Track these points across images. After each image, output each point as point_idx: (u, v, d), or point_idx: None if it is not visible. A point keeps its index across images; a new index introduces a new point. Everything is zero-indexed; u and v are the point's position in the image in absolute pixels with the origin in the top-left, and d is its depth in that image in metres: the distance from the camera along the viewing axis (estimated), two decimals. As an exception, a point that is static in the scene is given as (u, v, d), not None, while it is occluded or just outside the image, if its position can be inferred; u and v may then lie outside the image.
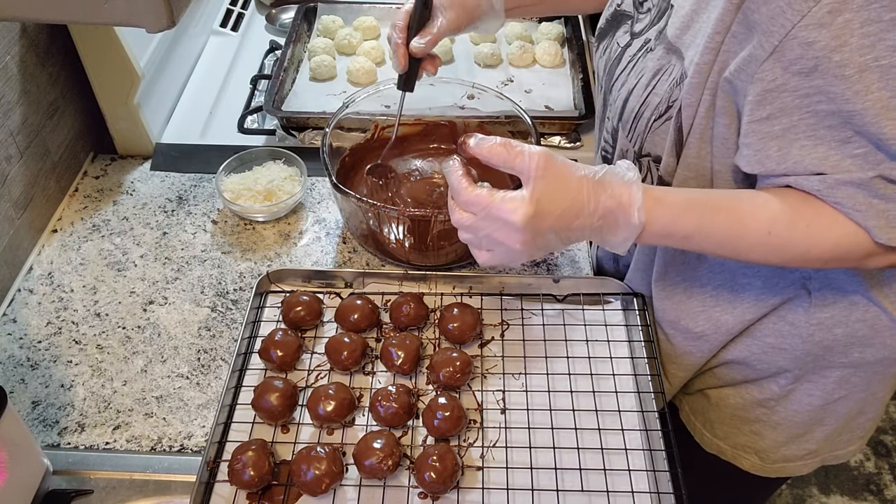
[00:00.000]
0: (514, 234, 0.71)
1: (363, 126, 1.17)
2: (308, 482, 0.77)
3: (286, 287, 1.01)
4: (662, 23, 0.81)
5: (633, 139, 0.86)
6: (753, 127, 0.70)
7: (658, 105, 0.80)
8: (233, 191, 1.13)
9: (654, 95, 0.81)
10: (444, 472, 0.77)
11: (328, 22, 1.47)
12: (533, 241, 0.72)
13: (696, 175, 0.80)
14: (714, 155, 0.78)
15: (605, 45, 0.93)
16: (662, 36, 0.80)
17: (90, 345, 0.98)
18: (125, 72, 1.17)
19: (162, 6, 0.67)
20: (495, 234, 0.73)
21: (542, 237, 0.72)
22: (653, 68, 0.81)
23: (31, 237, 1.10)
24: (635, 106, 0.84)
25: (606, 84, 0.92)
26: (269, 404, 0.84)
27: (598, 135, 1.03)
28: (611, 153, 0.95)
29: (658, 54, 0.81)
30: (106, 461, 0.86)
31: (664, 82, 0.79)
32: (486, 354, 0.93)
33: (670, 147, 0.80)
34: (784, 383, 0.92)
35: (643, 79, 0.82)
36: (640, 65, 0.84)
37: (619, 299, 0.99)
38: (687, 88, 0.75)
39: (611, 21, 0.93)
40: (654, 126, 0.82)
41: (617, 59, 0.89)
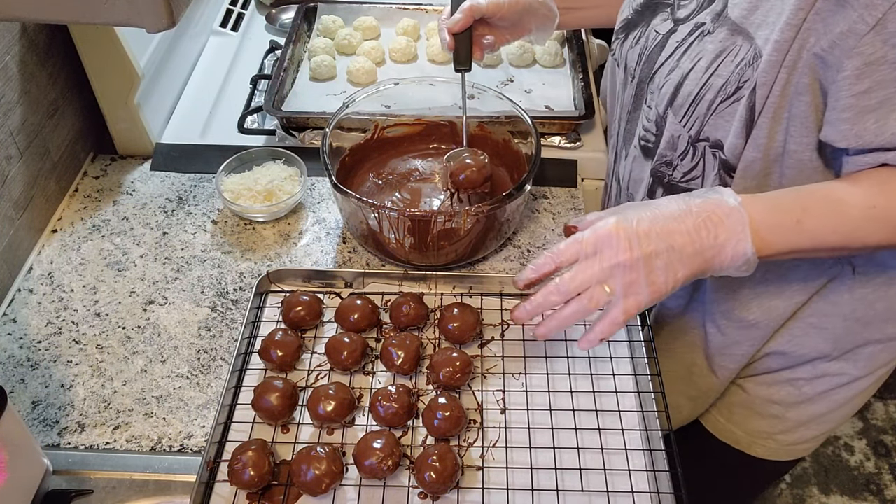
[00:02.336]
0: (614, 244, 0.71)
1: (363, 126, 1.17)
2: (308, 482, 0.77)
3: (286, 287, 1.01)
4: (718, 5, 0.81)
5: (688, 124, 0.84)
6: (851, 101, 0.70)
7: (724, 87, 0.79)
8: (233, 191, 1.13)
9: (718, 77, 0.79)
10: (444, 472, 0.77)
11: (328, 22, 1.47)
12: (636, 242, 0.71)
13: (765, 156, 0.79)
14: (790, 134, 0.77)
15: (636, 35, 0.92)
16: (724, 18, 0.80)
17: (90, 345, 0.98)
18: (125, 72, 1.17)
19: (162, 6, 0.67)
20: (603, 262, 0.72)
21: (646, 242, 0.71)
22: (713, 51, 0.80)
23: (31, 237, 1.10)
24: (693, 90, 0.82)
25: (644, 72, 0.90)
26: (269, 404, 0.84)
27: (618, 127, 1.02)
28: (654, 142, 0.93)
29: (719, 37, 0.80)
30: (106, 461, 0.86)
31: (729, 63, 0.78)
32: (486, 354, 0.93)
33: (739, 128, 0.79)
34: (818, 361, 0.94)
35: (701, 62, 0.81)
36: (695, 48, 0.82)
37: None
38: (764, 67, 0.74)
39: (641, 11, 0.93)
40: (719, 108, 0.80)
41: (658, 46, 0.88)
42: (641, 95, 0.93)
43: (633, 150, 0.97)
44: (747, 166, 0.81)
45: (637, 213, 0.73)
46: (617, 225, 0.72)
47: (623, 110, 0.99)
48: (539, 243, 1.11)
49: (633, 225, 0.72)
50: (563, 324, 0.76)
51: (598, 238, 0.72)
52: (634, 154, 0.96)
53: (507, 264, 1.09)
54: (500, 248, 1.11)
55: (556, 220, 1.15)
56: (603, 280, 0.72)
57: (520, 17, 1.04)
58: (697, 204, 0.73)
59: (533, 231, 1.14)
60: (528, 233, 1.13)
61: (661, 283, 0.72)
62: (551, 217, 1.16)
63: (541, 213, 1.16)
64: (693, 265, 0.72)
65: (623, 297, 0.72)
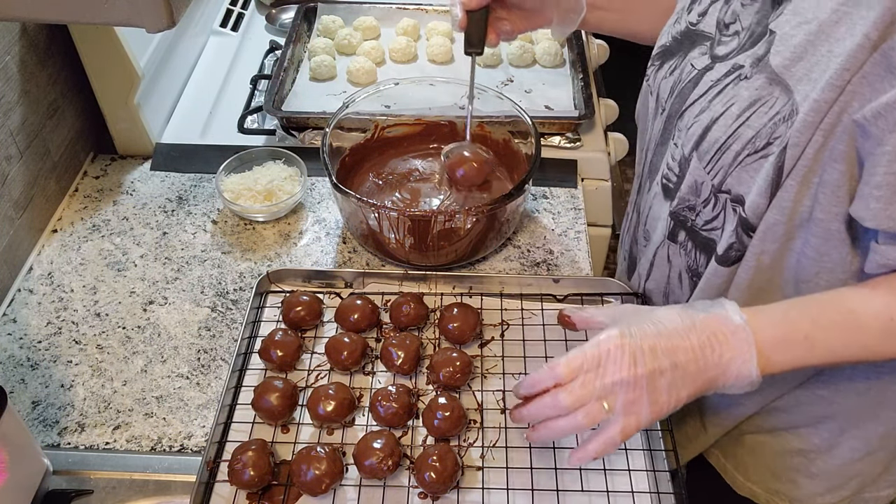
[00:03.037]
0: (618, 359, 0.68)
1: (363, 126, 1.17)
2: (308, 482, 0.77)
3: (286, 287, 1.01)
4: (760, 49, 0.74)
5: (713, 172, 0.78)
6: (888, 179, 0.64)
7: (753, 139, 0.73)
8: (233, 191, 1.13)
9: (748, 128, 0.74)
10: (443, 472, 0.77)
11: (328, 22, 1.47)
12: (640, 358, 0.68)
13: (788, 220, 0.73)
14: (818, 201, 0.71)
15: (672, 65, 0.87)
16: (764, 64, 0.73)
17: (90, 345, 0.98)
18: (125, 72, 1.17)
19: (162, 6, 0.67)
20: (605, 379, 0.68)
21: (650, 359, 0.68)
22: (748, 98, 0.74)
23: (31, 237, 1.10)
24: (721, 136, 0.76)
25: (674, 107, 0.85)
26: (269, 404, 0.84)
27: (644, 156, 0.96)
28: (675, 183, 0.87)
29: (756, 83, 0.73)
30: (106, 461, 0.86)
31: (762, 115, 0.72)
32: (486, 354, 0.93)
33: (764, 187, 0.72)
34: (827, 435, 0.87)
35: (733, 108, 0.75)
36: (728, 92, 0.76)
37: (619, 299, 0.99)
38: (798, 126, 0.68)
39: (680, 40, 0.86)
40: (745, 161, 0.74)
41: (692, 82, 0.82)
42: (670, 131, 0.87)
43: (655, 185, 0.92)
44: (768, 229, 0.75)
45: (641, 326, 0.70)
46: (621, 339, 0.69)
47: (651, 141, 0.93)
48: (539, 243, 1.11)
49: (638, 341, 0.69)
50: (555, 436, 0.73)
51: (601, 353, 0.69)
52: (656, 191, 0.92)
53: (507, 264, 1.09)
54: (500, 248, 1.11)
55: (556, 220, 1.15)
56: (602, 396, 0.68)
57: (542, 3, 0.98)
58: (702, 319, 0.70)
59: (533, 231, 1.14)
60: (528, 233, 1.13)
61: (664, 402, 0.69)
62: (551, 217, 1.16)
63: (541, 213, 1.16)
64: (697, 384, 0.69)
65: (623, 416, 0.69)
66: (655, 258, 0.93)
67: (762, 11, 0.76)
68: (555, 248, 1.11)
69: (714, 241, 0.82)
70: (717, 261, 0.81)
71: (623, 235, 1.09)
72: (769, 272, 0.78)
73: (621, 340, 0.69)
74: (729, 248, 0.79)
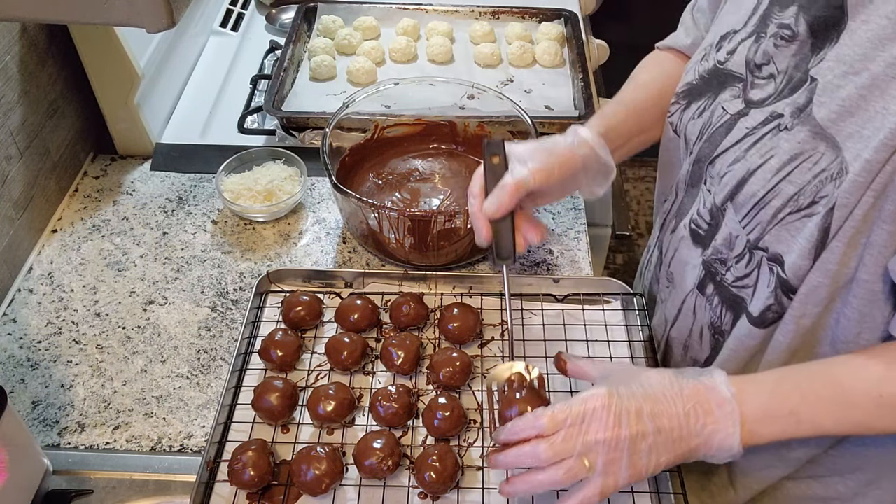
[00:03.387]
0: (602, 418, 0.68)
1: (363, 126, 1.17)
2: (308, 482, 0.77)
3: (286, 287, 1.01)
4: (801, 98, 0.70)
5: (749, 226, 0.75)
6: None
7: (795, 196, 0.69)
8: (233, 191, 1.13)
9: (789, 184, 0.70)
10: (443, 473, 0.77)
11: (328, 22, 1.47)
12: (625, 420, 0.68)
13: (833, 283, 0.70)
14: (864, 262, 0.68)
15: (700, 106, 0.82)
16: (806, 116, 0.69)
17: (90, 345, 0.98)
18: (125, 72, 1.17)
19: (162, 6, 0.67)
20: (587, 436, 0.68)
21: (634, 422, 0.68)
22: (789, 151, 0.70)
23: (31, 237, 1.10)
24: (758, 191, 0.72)
25: (704, 151, 0.81)
26: (270, 404, 0.84)
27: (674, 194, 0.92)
28: (705, 231, 0.83)
29: (799, 136, 0.69)
30: (106, 461, 0.86)
31: (805, 171, 0.68)
32: (486, 354, 0.93)
33: (807, 248, 0.69)
34: (853, 485, 0.84)
35: (772, 161, 0.71)
36: (767, 142, 0.72)
37: (619, 299, 0.99)
38: (848, 187, 0.65)
39: (708, 79, 0.82)
40: (786, 220, 0.71)
41: (724, 126, 0.78)
42: (700, 175, 0.83)
43: (683, 229, 0.88)
44: (811, 291, 0.71)
45: (629, 387, 0.70)
46: (608, 398, 0.69)
47: (681, 182, 0.89)
48: (539, 243, 1.11)
49: (624, 401, 0.69)
50: (532, 490, 0.72)
51: (586, 410, 0.68)
52: (683, 234, 0.88)
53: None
54: (500, 248, 1.11)
55: (556, 220, 1.15)
56: (583, 454, 0.68)
57: (570, 179, 0.87)
58: (690, 387, 0.70)
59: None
60: (528, 233, 1.13)
61: (642, 465, 0.68)
62: (551, 217, 1.16)
63: (541, 213, 1.16)
64: (677, 451, 0.69)
65: (602, 475, 0.68)
66: (683, 307, 0.89)
67: (800, 55, 0.71)
68: (555, 248, 1.11)
69: (743, 300, 0.79)
70: (751, 322, 0.78)
71: (642, 269, 1.05)
72: (809, 334, 0.75)
73: (608, 400, 0.68)
74: (766, 309, 0.75)
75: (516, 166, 0.83)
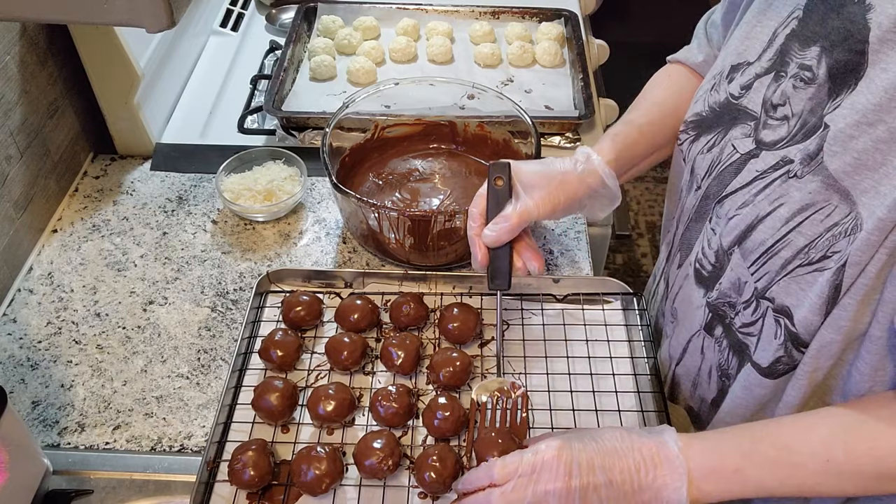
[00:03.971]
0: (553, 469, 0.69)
1: (363, 126, 1.17)
2: (308, 482, 0.77)
3: (286, 287, 1.01)
4: (812, 144, 0.67)
5: (757, 275, 0.73)
6: None
7: (806, 249, 0.67)
8: (233, 191, 1.13)
9: (800, 235, 0.68)
10: (444, 472, 0.77)
11: (328, 22, 1.47)
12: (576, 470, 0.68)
13: (845, 339, 0.68)
14: (877, 319, 0.66)
15: (710, 140, 0.80)
16: (817, 164, 0.66)
17: (90, 345, 0.98)
18: (125, 72, 1.17)
19: (162, 6, 0.67)
20: (538, 485, 0.68)
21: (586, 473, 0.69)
22: (799, 201, 0.68)
23: (31, 237, 1.10)
24: (767, 240, 0.70)
25: (712, 188, 0.79)
26: (270, 404, 0.84)
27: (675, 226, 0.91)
28: (710, 273, 0.81)
29: (810, 187, 0.67)
30: (106, 461, 0.86)
31: (817, 223, 0.66)
32: (486, 354, 0.93)
33: (818, 304, 0.67)
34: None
35: (782, 210, 0.69)
36: (777, 189, 0.70)
37: (619, 299, 0.99)
38: (861, 245, 0.63)
39: (719, 112, 0.79)
40: (796, 272, 0.69)
41: (733, 166, 0.76)
42: (706, 212, 0.81)
43: (687, 266, 0.86)
44: (823, 347, 0.70)
45: (582, 442, 0.71)
46: (559, 450, 0.69)
47: (684, 215, 0.87)
48: (539, 243, 1.11)
49: (576, 453, 0.69)
50: None
51: (537, 461, 0.69)
52: (688, 272, 0.86)
53: (507, 264, 1.09)
54: (500, 248, 1.11)
55: (557, 219, 1.15)
56: (534, 502, 0.68)
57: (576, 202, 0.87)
58: (640, 441, 0.71)
59: (533, 231, 1.14)
60: (528, 233, 1.13)
61: None
62: (551, 217, 1.16)
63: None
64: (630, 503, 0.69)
65: None
66: (689, 346, 0.88)
67: (816, 99, 0.68)
68: (555, 248, 1.11)
69: (747, 347, 0.78)
70: (760, 372, 0.77)
71: (649, 297, 1.04)
72: (821, 388, 0.74)
73: (559, 452, 0.69)
74: (776, 361, 0.75)
75: (521, 195, 0.83)
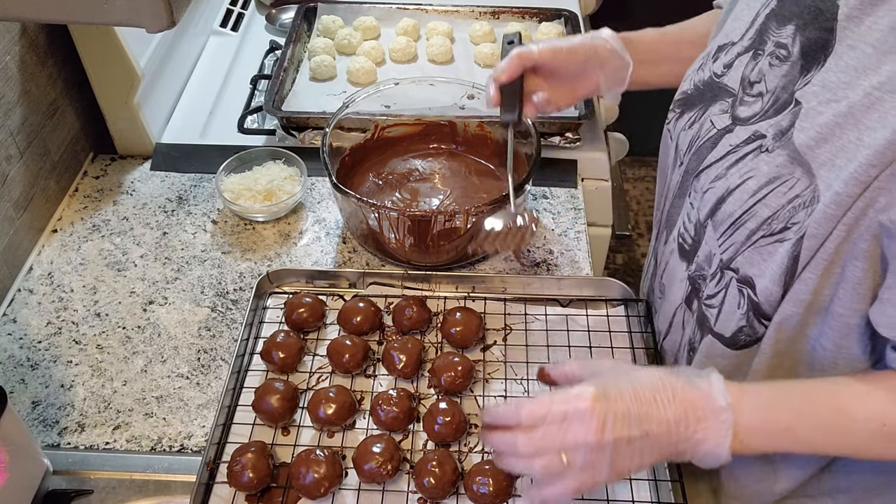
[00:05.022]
0: (586, 421, 0.64)
1: (363, 126, 1.17)
2: (307, 485, 0.77)
3: (286, 287, 1.01)
4: (785, 121, 0.69)
5: (724, 245, 0.74)
6: None
7: (769, 221, 0.68)
8: (233, 191, 1.13)
9: (764, 207, 0.69)
10: (443, 478, 0.77)
11: (328, 22, 1.47)
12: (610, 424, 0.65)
13: (806, 312, 0.69)
14: (838, 296, 0.67)
15: (692, 117, 0.81)
16: (787, 140, 0.68)
17: (90, 345, 0.98)
18: (125, 72, 1.17)
19: (162, 6, 0.67)
20: (567, 436, 0.65)
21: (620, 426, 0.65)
22: (767, 174, 0.69)
23: (31, 237, 1.10)
24: (735, 210, 0.71)
25: (692, 164, 0.80)
26: (270, 406, 0.84)
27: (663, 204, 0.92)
28: (691, 246, 0.83)
29: (778, 160, 0.68)
30: (106, 461, 0.86)
31: (780, 195, 0.67)
32: (489, 359, 0.93)
33: (778, 274, 0.68)
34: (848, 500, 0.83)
35: (750, 182, 0.70)
36: (747, 163, 0.71)
37: (622, 304, 0.99)
38: (818, 217, 0.64)
39: (702, 90, 0.81)
40: (759, 242, 0.70)
41: (710, 141, 0.77)
42: (686, 188, 0.82)
43: (672, 241, 0.87)
44: (784, 320, 0.70)
45: (617, 385, 0.67)
46: (594, 401, 0.65)
47: (669, 192, 0.89)
48: (539, 243, 1.11)
49: (610, 404, 0.65)
50: (509, 469, 0.70)
51: (568, 410, 0.65)
52: (672, 247, 0.87)
53: (508, 264, 1.09)
54: (501, 249, 1.11)
55: (556, 220, 1.15)
56: (563, 450, 0.65)
57: (582, 68, 0.91)
58: (683, 391, 0.66)
59: (532, 231, 1.13)
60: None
61: (625, 467, 0.66)
62: (551, 217, 1.16)
63: (541, 213, 1.16)
64: (663, 454, 0.67)
65: (580, 471, 0.65)
66: (674, 320, 0.89)
67: (790, 76, 0.70)
68: (555, 248, 1.11)
69: (707, 319, 0.79)
70: (723, 342, 0.77)
71: (644, 276, 1.05)
72: (787, 361, 0.74)
73: (593, 404, 0.65)
74: (738, 331, 0.75)
75: (530, 44, 0.90)
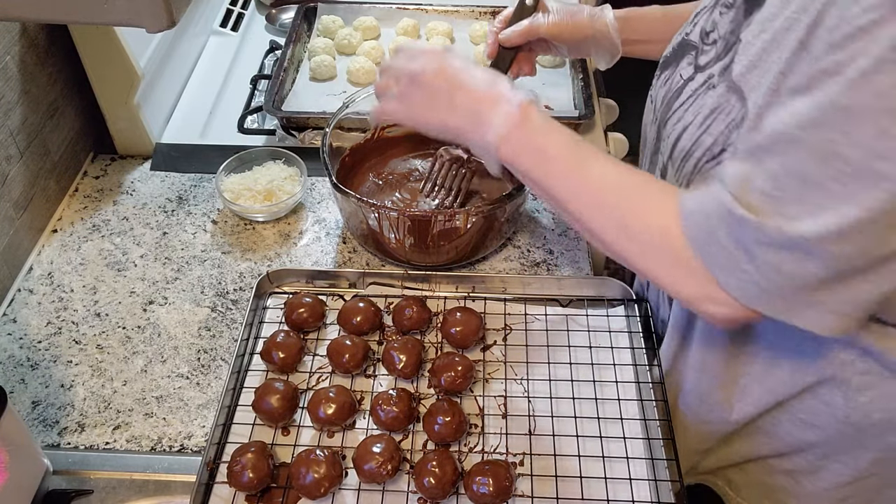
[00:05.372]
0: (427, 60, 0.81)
1: (363, 126, 1.17)
2: (307, 485, 0.77)
3: (286, 286, 1.01)
4: (728, 58, 0.74)
5: (679, 180, 0.80)
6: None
7: (711, 146, 0.74)
8: (233, 191, 1.13)
9: (708, 135, 0.74)
10: (443, 478, 0.77)
11: (328, 22, 1.47)
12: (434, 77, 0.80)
13: None
14: None
15: (666, 76, 0.87)
16: (727, 73, 0.74)
17: (90, 345, 0.98)
18: (125, 72, 1.17)
19: (162, 6, 0.67)
20: (409, 64, 0.82)
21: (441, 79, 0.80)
22: (710, 106, 0.74)
23: (31, 237, 1.10)
24: (687, 145, 0.77)
25: (662, 116, 0.85)
26: (270, 406, 0.84)
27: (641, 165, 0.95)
28: None
29: (719, 91, 0.74)
30: (106, 461, 0.86)
31: (720, 122, 0.73)
32: (489, 359, 0.93)
33: None
34: (812, 458, 0.86)
35: (699, 117, 0.76)
36: (699, 101, 0.77)
37: (623, 305, 0.99)
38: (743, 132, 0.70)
39: (676, 50, 0.86)
40: (704, 168, 0.75)
41: (676, 92, 0.82)
42: (659, 141, 0.87)
43: None
44: None
45: (468, 60, 0.83)
46: (445, 51, 0.82)
47: (647, 150, 0.93)
48: (539, 243, 1.11)
49: (448, 59, 0.81)
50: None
51: (425, 51, 0.83)
52: None
53: (508, 264, 1.09)
54: (500, 248, 1.11)
55: (556, 219, 1.15)
56: (397, 76, 0.83)
57: (579, 43, 1.01)
58: (500, 84, 0.79)
59: (533, 231, 1.14)
60: (527, 233, 1.13)
61: (428, 112, 0.82)
62: (551, 217, 1.16)
63: (541, 213, 1.16)
64: (459, 121, 0.80)
65: (398, 98, 0.83)
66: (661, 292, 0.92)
67: (736, 20, 0.75)
68: (555, 248, 1.11)
69: None
70: None
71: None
72: None
73: (443, 52, 0.82)
74: None
75: (539, 15, 0.99)
